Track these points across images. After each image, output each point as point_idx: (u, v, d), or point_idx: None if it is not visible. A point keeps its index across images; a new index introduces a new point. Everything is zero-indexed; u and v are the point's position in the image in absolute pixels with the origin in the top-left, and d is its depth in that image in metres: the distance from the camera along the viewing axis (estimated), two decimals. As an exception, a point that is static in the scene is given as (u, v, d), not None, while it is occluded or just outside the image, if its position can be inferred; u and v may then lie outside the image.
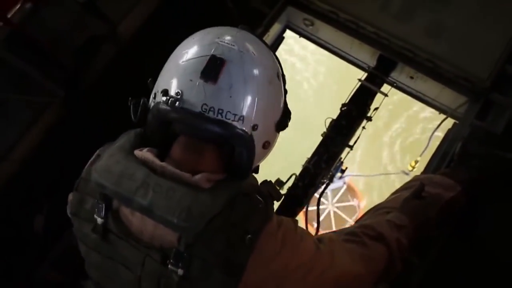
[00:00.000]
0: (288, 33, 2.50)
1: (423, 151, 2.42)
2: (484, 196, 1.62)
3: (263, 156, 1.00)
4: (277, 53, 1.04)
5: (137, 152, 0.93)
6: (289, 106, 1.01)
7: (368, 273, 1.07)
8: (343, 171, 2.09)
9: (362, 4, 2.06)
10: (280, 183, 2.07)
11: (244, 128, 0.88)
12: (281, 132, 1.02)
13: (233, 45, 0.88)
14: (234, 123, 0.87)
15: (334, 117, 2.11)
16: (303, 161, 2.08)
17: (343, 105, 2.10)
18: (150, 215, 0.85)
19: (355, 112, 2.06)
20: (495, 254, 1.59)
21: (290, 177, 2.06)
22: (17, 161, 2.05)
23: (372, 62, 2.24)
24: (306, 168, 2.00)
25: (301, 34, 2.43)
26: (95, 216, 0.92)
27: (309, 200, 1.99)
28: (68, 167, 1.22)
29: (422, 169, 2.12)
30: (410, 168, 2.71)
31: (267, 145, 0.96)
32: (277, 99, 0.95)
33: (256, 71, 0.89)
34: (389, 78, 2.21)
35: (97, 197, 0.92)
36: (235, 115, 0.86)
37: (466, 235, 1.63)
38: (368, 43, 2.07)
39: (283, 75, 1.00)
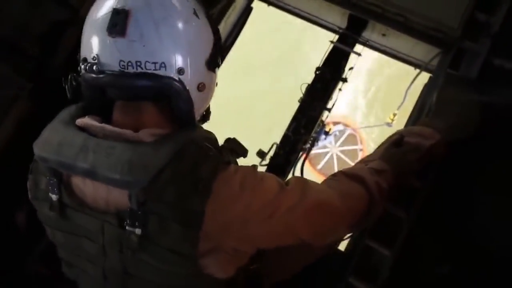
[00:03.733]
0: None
1: (400, 105, 2.43)
2: (466, 145, 1.63)
3: (203, 100, 0.98)
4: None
5: (78, 121, 0.91)
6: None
7: (346, 209, 1.05)
8: (327, 133, 2.07)
9: (326, -37, 2.01)
10: (262, 153, 2.05)
11: (169, 75, 0.86)
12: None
13: None
14: (157, 71, 0.84)
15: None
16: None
17: (317, 68, 2.07)
18: (95, 177, 0.84)
19: (329, 74, 2.04)
20: (481, 203, 1.60)
21: (272, 146, 2.04)
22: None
23: (343, 23, 2.22)
24: (285, 136, 1.99)
25: (269, 3, 2.39)
26: (50, 194, 0.92)
27: (293, 167, 1.97)
28: None
29: (402, 122, 2.13)
30: (390, 121, 2.74)
31: (203, 87, 0.93)
32: (199, 37, 0.92)
33: (166, 14, 0.85)
34: (361, 37, 2.19)
35: (47, 175, 0.91)
36: (154, 63, 0.84)
37: (449, 184, 1.64)
38: (336, 3, 2.03)
39: (208, 15, 0.96)
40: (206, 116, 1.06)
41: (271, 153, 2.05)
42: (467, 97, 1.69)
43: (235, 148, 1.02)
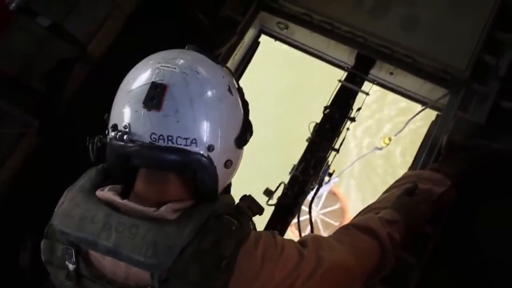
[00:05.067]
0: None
1: (398, 133, 2.46)
2: (474, 189, 1.63)
3: (228, 176, 0.97)
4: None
5: (98, 192, 0.91)
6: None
7: (359, 266, 1.05)
8: (330, 175, 2.06)
9: (335, 4, 2.02)
10: (269, 192, 2.04)
11: (199, 151, 0.85)
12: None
13: (175, 68, 0.85)
14: (187, 147, 0.84)
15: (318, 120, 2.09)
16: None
17: (326, 107, 2.07)
18: (117, 256, 0.83)
19: (338, 114, 2.04)
20: (489, 250, 1.59)
21: (279, 186, 2.03)
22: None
23: (350, 61, 2.22)
24: (294, 176, 1.97)
25: (276, 38, 2.39)
26: (66, 262, 0.90)
27: (300, 208, 1.96)
28: (50, 199, 1.18)
29: (395, 147, 2.13)
30: (384, 145, 2.74)
31: (230, 164, 0.93)
32: (232, 115, 0.92)
33: (202, 91, 0.85)
34: (369, 75, 2.19)
35: (65, 243, 0.90)
36: (186, 139, 0.84)
37: (459, 231, 1.63)
38: (344, 43, 2.04)
39: (239, 88, 0.96)
40: (227, 188, 1.05)
41: (279, 192, 2.04)
42: (476, 143, 1.69)
43: (251, 206, 1.01)
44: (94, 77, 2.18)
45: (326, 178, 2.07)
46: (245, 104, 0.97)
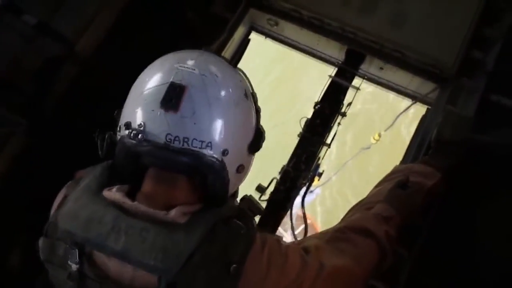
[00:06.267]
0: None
1: (388, 127, 2.47)
2: (464, 182, 1.65)
3: (238, 181, 0.97)
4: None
5: (106, 193, 0.89)
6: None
7: (360, 269, 1.05)
8: (320, 174, 2.05)
9: (324, 0, 2.04)
10: (261, 189, 2.04)
11: (213, 155, 0.84)
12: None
13: (194, 69, 0.84)
14: (202, 150, 0.83)
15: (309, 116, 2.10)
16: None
17: (316, 103, 2.08)
18: (126, 259, 0.81)
19: (328, 109, 2.05)
20: (479, 244, 1.61)
21: (271, 181, 2.03)
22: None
23: (340, 56, 2.23)
24: (286, 171, 1.98)
25: (267, 35, 2.40)
26: (69, 262, 0.87)
27: (293, 203, 1.97)
28: (40, 198, 1.16)
29: (385, 142, 2.14)
30: (374, 141, 2.73)
31: (241, 169, 0.92)
32: (246, 120, 0.92)
33: (220, 94, 0.85)
34: (359, 71, 2.21)
35: (68, 243, 0.87)
36: (202, 142, 0.83)
37: (450, 223, 1.65)
38: (334, 38, 2.06)
39: (253, 94, 0.96)
40: (235, 193, 1.03)
41: (271, 188, 2.04)
42: (465, 136, 1.71)
43: (251, 207, 1.00)
44: (83, 76, 2.15)
45: (316, 180, 2.06)
46: (258, 110, 0.97)
